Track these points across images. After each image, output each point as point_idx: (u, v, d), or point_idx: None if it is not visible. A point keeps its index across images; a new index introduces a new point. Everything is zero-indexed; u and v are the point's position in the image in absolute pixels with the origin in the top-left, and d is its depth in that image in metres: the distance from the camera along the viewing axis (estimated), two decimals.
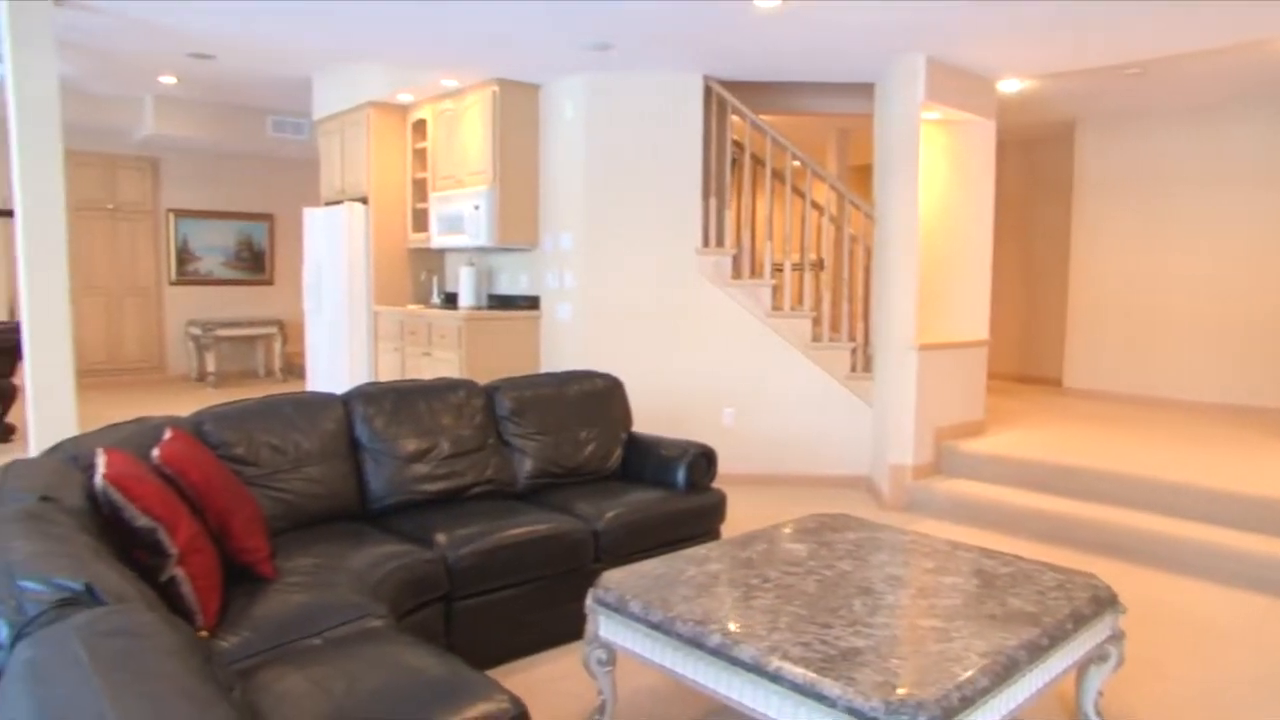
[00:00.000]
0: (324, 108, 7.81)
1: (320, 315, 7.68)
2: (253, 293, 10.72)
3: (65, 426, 4.74)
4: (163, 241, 10.15)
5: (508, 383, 4.18)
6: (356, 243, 7.23)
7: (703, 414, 6.30)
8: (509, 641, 3.31)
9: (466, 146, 6.68)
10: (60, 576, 1.38)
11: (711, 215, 6.41)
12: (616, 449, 4.32)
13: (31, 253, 4.60)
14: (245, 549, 2.57)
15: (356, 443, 3.58)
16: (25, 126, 4.58)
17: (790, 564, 2.87)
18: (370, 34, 5.55)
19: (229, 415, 3.27)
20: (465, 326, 6.24)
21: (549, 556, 3.39)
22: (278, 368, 10.34)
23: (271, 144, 9.55)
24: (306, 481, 3.34)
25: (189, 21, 5.53)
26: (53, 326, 4.68)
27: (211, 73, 7.67)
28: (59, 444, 2.63)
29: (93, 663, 1.09)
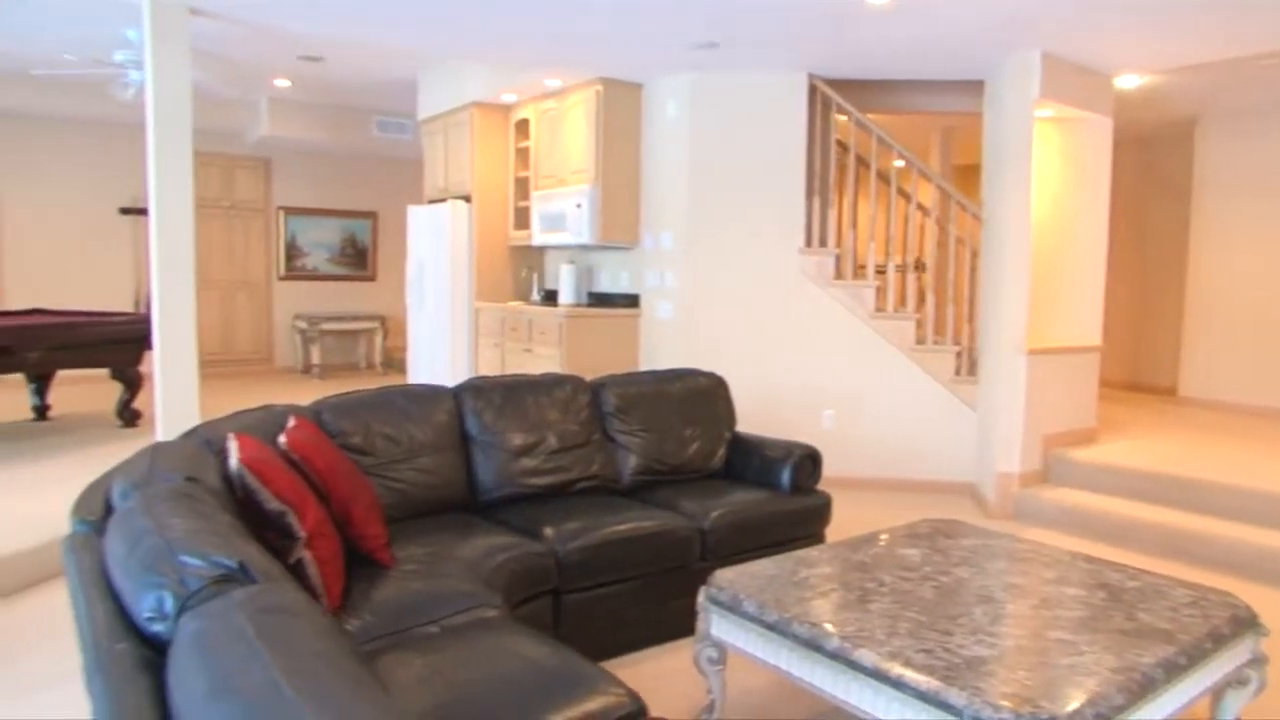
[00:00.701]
0: (428, 108, 7.97)
1: (422, 311, 7.84)
2: (356, 288, 11.01)
3: (189, 413, 4.94)
4: (273, 238, 10.52)
5: (613, 379, 4.20)
6: (459, 240, 7.36)
7: (802, 415, 6.23)
8: (614, 637, 3.32)
9: (569, 145, 6.74)
10: (217, 554, 1.43)
11: (814, 215, 6.34)
12: (720, 448, 4.30)
13: (163, 250, 4.81)
14: (365, 535, 2.64)
15: (466, 435, 3.64)
16: (161, 129, 4.79)
17: (905, 569, 2.81)
18: (478, 35, 5.63)
19: (346, 405, 3.36)
20: (566, 323, 6.29)
21: (655, 553, 3.39)
22: (378, 361, 10.61)
23: (376, 144, 9.80)
24: (418, 472, 3.41)
25: (304, 25, 5.70)
26: (180, 319, 4.88)
27: (322, 75, 7.91)
28: (194, 429, 2.74)
29: (258, 636, 1.12)
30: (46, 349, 6.04)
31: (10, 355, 5.80)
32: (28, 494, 4.88)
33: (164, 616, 1.33)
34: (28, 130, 9.15)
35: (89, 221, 9.53)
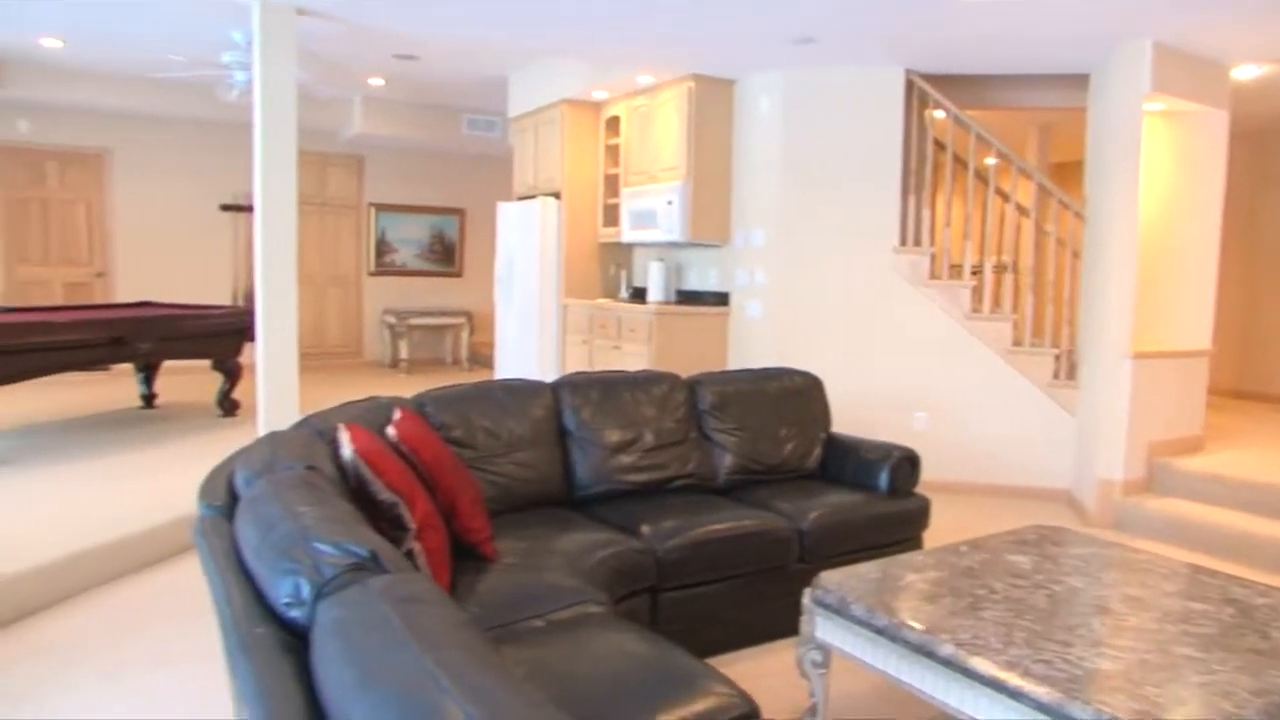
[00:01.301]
0: (519, 106, 8.04)
1: (510, 307, 7.92)
2: (443, 284, 11.19)
3: (289, 403, 5.07)
4: (363, 234, 10.75)
5: (709, 377, 4.18)
6: (548, 237, 7.42)
7: (893, 417, 6.12)
8: (711, 637, 3.30)
9: (660, 142, 6.73)
10: (349, 542, 1.45)
11: (909, 213, 6.21)
12: (816, 448, 4.24)
13: (267, 245, 4.94)
14: (470, 528, 2.66)
15: (564, 430, 3.65)
16: (268, 128, 4.92)
17: (1015, 576, 2.72)
18: (574, 32, 5.66)
19: (447, 398, 3.40)
20: (656, 321, 6.28)
21: (753, 553, 3.36)
22: (464, 356, 10.77)
23: (465, 141, 9.94)
24: (517, 466, 3.43)
25: (404, 24, 5.80)
26: (283, 313, 5.01)
27: (415, 74, 8.05)
28: (305, 419, 2.81)
29: (403, 624, 1.13)
30: (156, 340, 6.26)
31: (124, 345, 6.03)
32: (142, 478, 5.07)
33: (301, 602, 1.35)
34: (139, 130, 9.52)
35: (192, 218, 9.87)
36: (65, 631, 3.45)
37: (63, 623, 3.53)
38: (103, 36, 7.19)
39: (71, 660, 3.20)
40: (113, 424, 6.71)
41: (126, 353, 6.11)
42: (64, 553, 3.81)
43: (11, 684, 3.02)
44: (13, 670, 3.12)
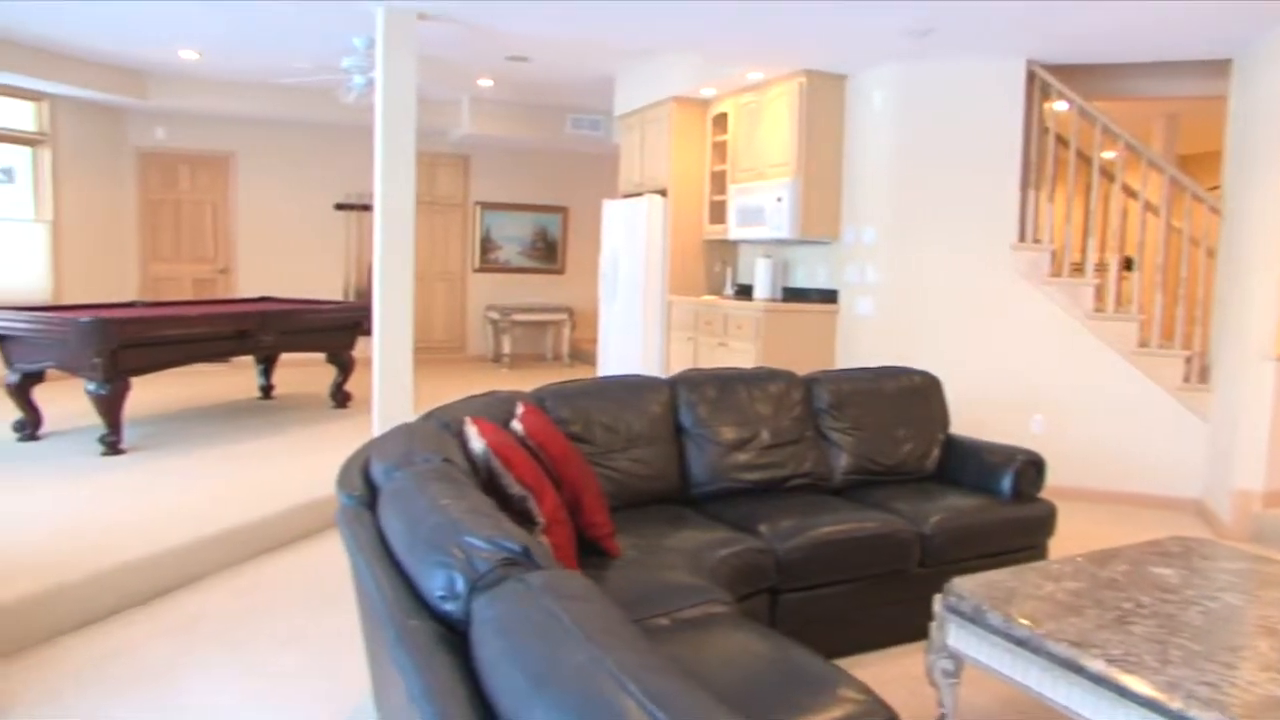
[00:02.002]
0: (626, 104, 8.06)
1: (614, 303, 7.94)
2: (545, 281, 11.31)
3: (404, 397, 5.18)
4: (469, 232, 10.94)
5: (826, 375, 4.10)
6: (654, 233, 7.41)
7: (1009, 419, 5.91)
8: (830, 641, 3.23)
9: (769, 139, 6.65)
10: (501, 537, 1.45)
11: (1029, 209, 5.99)
12: (934, 449, 4.12)
13: (386, 243, 5.05)
14: (593, 524, 2.65)
15: (680, 427, 3.63)
16: (389, 128, 5.03)
17: (1163, 590, 2.58)
18: (685, 30, 5.63)
19: (567, 393, 3.41)
20: (763, 318, 6.21)
21: (874, 556, 3.28)
22: (565, 352, 10.85)
23: (569, 140, 10.02)
24: (633, 462, 3.42)
25: (522, 24, 5.86)
26: (399, 309, 5.12)
27: (523, 74, 8.15)
28: (431, 411, 2.84)
29: (574, 623, 1.11)
30: (277, 333, 6.48)
31: (248, 338, 6.26)
32: (265, 465, 5.25)
33: (455, 596, 1.35)
34: (261, 134, 9.89)
35: (308, 217, 10.20)
36: (197, 611, 3.59)
37: (194, 602, 3.67)
38: (234, 47, 7.50)
39: (203, 638, 3.33)
40: (235, 413, 6.97)
41: (250, 345, 6.34)
42: (194, 535, 3.97)
43: (150, 660, 3.16)
44: (150, 646, 3.26)
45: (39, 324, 5.54)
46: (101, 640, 3.32)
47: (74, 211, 8.88)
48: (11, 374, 5.80)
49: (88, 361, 5.31)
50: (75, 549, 3.73)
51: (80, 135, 8.91)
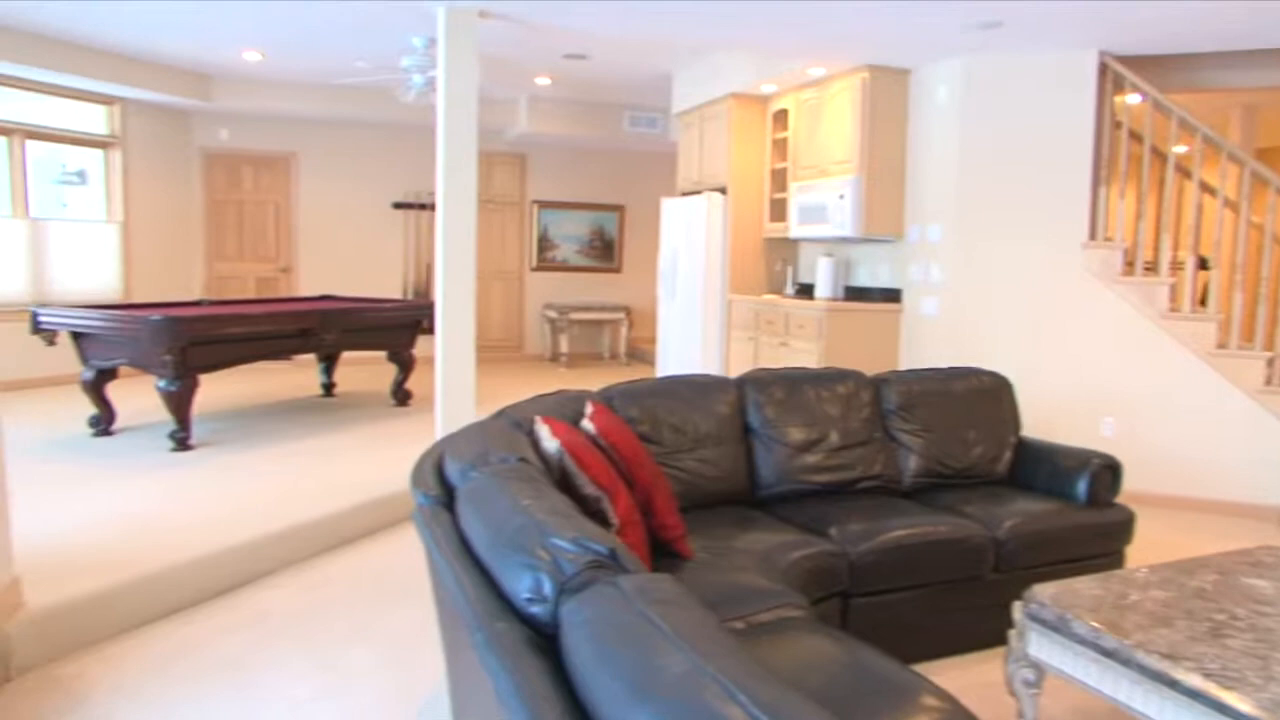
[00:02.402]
0: (684, 101, 8.02)
1: (673, 302, 7.91)
2: (601, 279, 11.31)
3: (466, 395, 5.20)
4: (526, 230, 10.98)
5: (895, 375, 4.02)
6: (714, 232, 7.36)
7: (1078, 421, 5.76)
8: (901, 647, 3.16)
9: (830, 135, 6.56)
10: (588, 539, 1.42)
11: (1100, 206, 5.83)
12: (1005, 452, 4.02)
13: (448, 241, 5.08)
14: (665, 525, 2.62)
15: (748, 427, 3.58)
16: (451, 127, 5.05)
17: (1258, 602, 2.48)
18: (745, 26, 5.57)
19: (634, 392, 3.39)
20: (826, 318, 6.13)
21: (947, 561, 3.20)
22: (622, 351, 10.85)
23: (626, 138, 10.02)
24: (700, 462, 3.39)
25: (582, 21, 5.85)
26: (461, 308, 5.14)
27: (581, 72, 8.16)
28: (502, 410, 2.84)
29: (672, 629, 1.08)
30: (340, 331, 6.56)
31: (311, 336, 6.34)
32: (331, 462, 5.31)
33: (543, 599, 1.33)
34: (321, 135, 10.03)
35: (367, 216, 10.32)
36: (267, 606, 3.63)
37: (264, 598, 3.72)
38: (296, 48, 7.61)
39: (274, 633, 3.36)
40: (298, 411, 7.07)
41: (313, 343, 6.42)
42: (263, 532, 4.02)
43: (226, 652, 3.20)
44: (227, 639, 3.30)
45: (112, 322, 5.66)
46: (177, 633, 3.37)
47: (142, 212, 9.10)
48: (86, 371, 5.94)
49: (158, 359, 5.42)
50: (149, 544, 3.80)
51: (149, 137, 9.12)
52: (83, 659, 3.17)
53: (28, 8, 6.53)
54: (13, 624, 3.08)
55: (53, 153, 8.45)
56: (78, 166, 8.70)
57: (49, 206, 8.46)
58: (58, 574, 3.45)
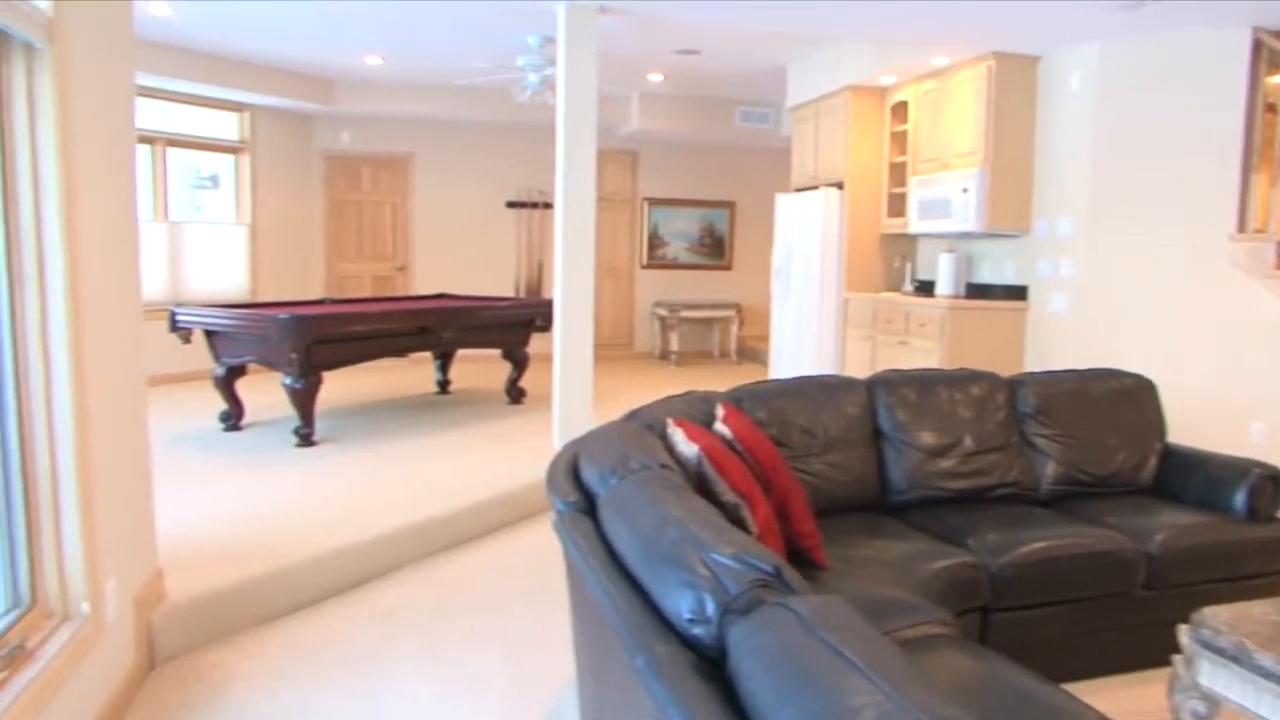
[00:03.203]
0: (799, 95, 7.87)
1: (787, 300, 7.78)
2: (712, 277, 11.22)
3: (584, 394, 5.20)
4: (637, 228, 10.97)
5: (1031, 377, 3.83)
6: (830, 228, 7.20)
7: (1223, 426, 5.40)
8: (1044, 667, 2.98)
9: (953, 127, 6.33)
10: (751, 555, 1.36)
11: (1250, 195, 5.45)
12: (1150, 459, 3.79)
13: (567, 239, 5.08)
14: (802, 533, 2.54)
15: (878, 430, 3.46)
16: (570, 125, 5.05)
17: None
18: (869, 15, 5.41)
19: (763, 393, 3.30)
20: (948, 316, 5.92)
21: (1094, 576, 3.02)
22: (733, 350, 10.74)
23: (737, 134, 9.91)
24: (829, 466, 3.28)
25: (700, 13, 5.78)
26: (580, 306, 5.14)
27: (693, 68, 8.10)
28: (634, 412, 2.80)
29: (865, 661, 1.01)
30: (457, 329, 6.65)
31: (429, 334, 6.45)
32: (450, 458, 5.39)
33: (706, 620, 1.27)
34: (437, 135, 10.23)
35: (481, 215, 10.49)
36: (393, 603, 3.68)
37: (390, 594, 3.78)
38: (415, 50, 7.77)
39: (401, 630, 3.41)
40: (415, 408, 7.22)
41: (431, 341, 6.53)
42: (389, 528, 4.09)
43: (354, 648, 3.25)
44: (354, 635, 3.36)
45: (242, 321, 5.87)
46: (307, 627, 3.45)
47: (268, 214, 9.44)
48: (218, 368, 6.17)
49: (285, 356, 5.58)
50: (280, 538, 3.90)
51: (275, 142, 9.46)
52: (220, 650, 3.27)
53: (172, 22, 6.83)
54: (157, 614, 3.20)
55: (189, 159, 8.84)
56: (211, 171, 9.09)
57: (185, 210, 8.86)
58: (195, 566, 3.57)
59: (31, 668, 2.27)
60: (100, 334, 2.78)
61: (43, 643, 2.42)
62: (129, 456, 3.11)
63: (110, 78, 2.95)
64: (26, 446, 2.48)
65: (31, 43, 2.36)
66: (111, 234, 2.94)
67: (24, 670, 2.25)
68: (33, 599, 2.53)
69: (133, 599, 3.02)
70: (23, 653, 2.32)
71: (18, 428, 2.47)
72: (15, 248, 2.43)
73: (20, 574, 2.51)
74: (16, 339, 2.46)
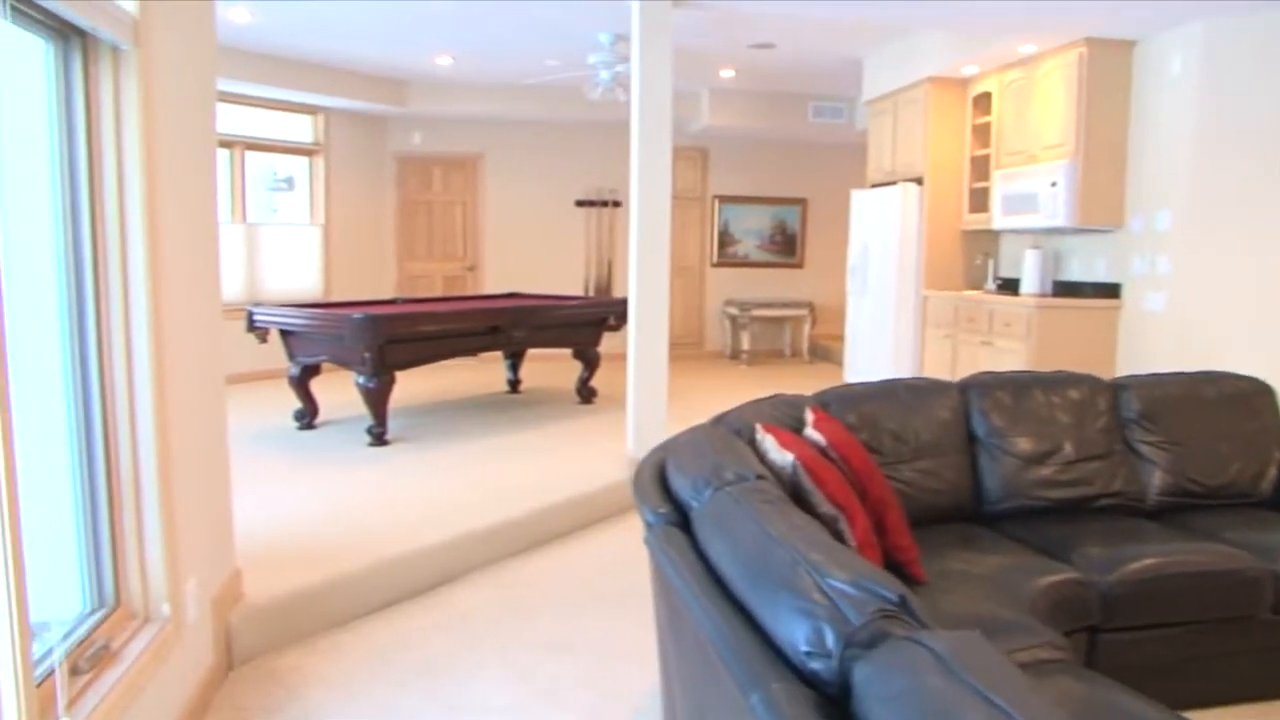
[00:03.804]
0: (875, 88, 7.67)
1: (863, 298, 7.59)
2: (783, 275, 11.04)
3: (658, 395, 5.10)
4: (707, 225, 10.84)
5: (1135, 380, 3.62)
6: (909, 224, 6.99)
7: None
8: (1156, 693, 2.80)
9: (1041, 118, 6.07)
10: (872, 582, 1.24)
11: None
12: (1269, 469, 3.54)
13: (643, 238, 4.99)
14: (899, 546, 2.40)
15: (972, 436, 3.29)
16: (645, 121, 4.96)
17: None
18: (953, 7, 5.21)
19: (851, 397, 3.17)
20: (1036, 315, 5.68)
21: (1214, 596, 2.81)
22: (805, 349, 10.54)
23: (809, 129, 9.72)
24: (920, 474, 3.13)
25: (770, 6, 5.64)
26: (655, 305, 5.05)
27: (766, 62, 7.94)
28: (720, 416, 2.69)
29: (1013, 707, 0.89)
30: (529, 329, 6.61)
31: (501, 334, 6.42)
32: (523, 459, 5.34)
33: (825, 653, 1.16)
34: (506, 135, 10.24)
35: (550, 214, 10.46)
36: (467, 607, 3.63)
37: (464, 598, 3.73)
38: (485, 50, 7.77)
39: (476, 637, 3.35)
40: (486, 407, 7.20)
41: (503, 340, 6.49)
42: (464, 530, 4.04)
43: (429, 653, 3.20)
44: (430, 641, 3.31)
45: (317, 321, 5.90)
46: (382, 631, 3.41)
47: (341, 215, 9.54)
48: (293, 367, 6.23)
49: (359, 356, 5.59)
50: (355, 539, 3.88)
51: (348, 144, 9.55)
52: (297, 651, 3.25)
53: (252, 27, 6.91)
54: (235, 614, 3.19)
55: (266, 162, 8.98)
56: (286, 174, 9.22)
57: (261, 212, 9.00)
58: (271, 565, 3.56)
59: (116, 668, 2.25)
60: (181, 335, 2.77)
61: (126, 643, 2.41)
62: (209, 456, 3.10)
63: (193, 80, 2.94)
64: (111, 448, 2.47)
65: (118, 45, 2.35)
66: (193, 235, 2.93)
67: (109, 671, 2.24)
68: (116, 600, 2.52)
69: (211, 599, 3.01)
70: (108, 653, 2.31)
71: (103, 429, 2.46)
72: (101, 249, 2.42)
73: (105, 575, 2.50)
74: (102, 340, 2.45)
